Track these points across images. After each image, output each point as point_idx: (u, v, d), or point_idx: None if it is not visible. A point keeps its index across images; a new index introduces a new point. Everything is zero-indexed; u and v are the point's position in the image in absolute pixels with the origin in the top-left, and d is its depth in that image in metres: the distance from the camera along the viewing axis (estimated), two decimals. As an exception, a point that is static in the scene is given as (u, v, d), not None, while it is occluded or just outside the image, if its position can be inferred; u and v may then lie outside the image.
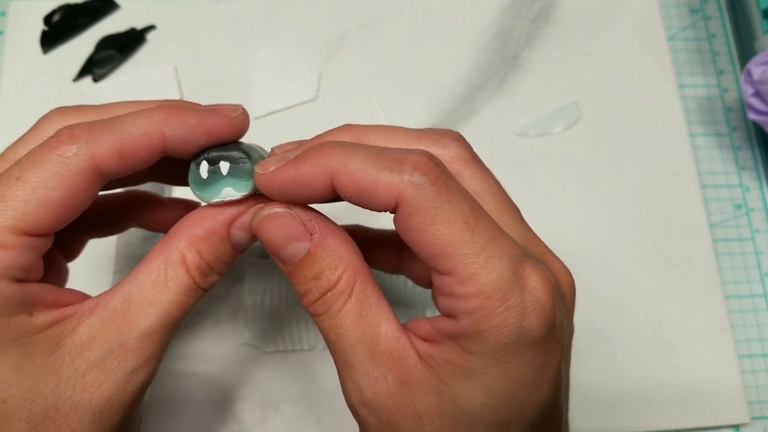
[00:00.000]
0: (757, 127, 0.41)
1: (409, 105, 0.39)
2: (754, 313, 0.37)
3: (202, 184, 0.21)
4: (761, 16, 0.39)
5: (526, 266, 0.18)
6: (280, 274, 0.34)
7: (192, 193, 0.21)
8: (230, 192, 0.21)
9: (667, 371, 0.34)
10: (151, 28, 0.40)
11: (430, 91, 0.39)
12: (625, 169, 0.38)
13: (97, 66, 0.38)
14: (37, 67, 0.38)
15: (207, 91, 0.38)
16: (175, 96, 0.38)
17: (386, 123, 0.38)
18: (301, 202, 0.20)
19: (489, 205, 0.20)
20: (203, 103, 0.22)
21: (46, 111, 0.38)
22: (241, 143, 0.21)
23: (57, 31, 0.39)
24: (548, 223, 0.30)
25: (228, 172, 0.20)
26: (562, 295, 0.19)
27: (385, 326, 0.19)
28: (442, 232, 0.18)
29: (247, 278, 0.34)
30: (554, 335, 0.18)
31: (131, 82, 0.38)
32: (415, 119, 0.38)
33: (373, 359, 0.19)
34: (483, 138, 0.36)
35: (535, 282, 0.18)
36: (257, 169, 0.20)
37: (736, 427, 0.34)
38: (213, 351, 0.33)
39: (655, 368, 0.34)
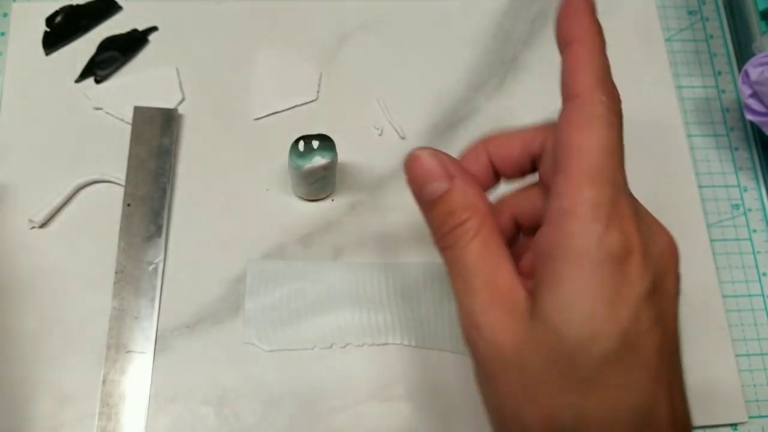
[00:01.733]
0: (755, 127, 0.41)
1: (409, 106, 0.39)
2: (751, 313, 0.37)
3: (299, 156, 0.32)
4: (759, 17, 0.40)
5: (623, 197, 0.21)
6: (280, 274, 0.34)
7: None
8: (319, 160, 0.32)
9: (665, 370, 0.34)
10: (153, 29, 0.40)
11: (429, 92, 0.40)
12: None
13: (99, 67, 0.38)
14: (40, 69, 0.38)
15: (208, 92, 0.38)
16: (176, 96, 0.38)
17: (386, 123, 0.38)
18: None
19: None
20: (205, 103, 0.22)
21: (49, 112, 0.39)
22: (319, 134, 0.32)
23: (59, 32, 0.39)
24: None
25: (317, 147, 0.32)
26: (658, 252, 0.21)
27: (502, 267, 0.22)
28: (595, 137, 0.22)
29: (247, 278, 0.34)
30: (633, 264, 0.20)
31: (133, 83, 0.38)
32: (415, 120, 0.39)
33: (487, 290, 0.21)
34: (482, 139, 0.36)
35: (624, 210, 0.21)
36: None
37: (733, 425, 0.34)
38: (213, 350, 0.33)
39: (653, 367, 0.34)
